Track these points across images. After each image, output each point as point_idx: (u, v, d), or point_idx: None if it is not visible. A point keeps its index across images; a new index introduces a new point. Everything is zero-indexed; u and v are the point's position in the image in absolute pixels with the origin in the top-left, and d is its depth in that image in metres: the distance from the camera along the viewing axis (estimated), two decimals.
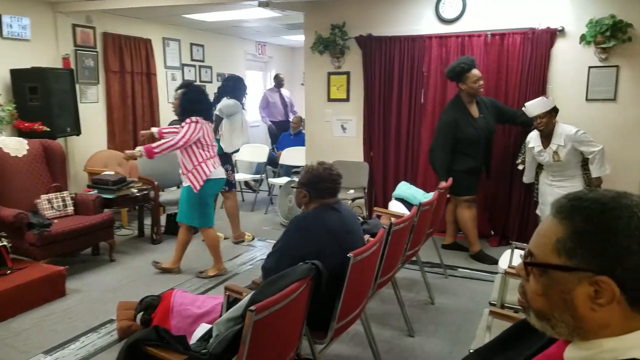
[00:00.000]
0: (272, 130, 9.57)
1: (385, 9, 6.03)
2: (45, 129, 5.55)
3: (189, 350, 2.27)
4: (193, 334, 2.68)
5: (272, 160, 8.05)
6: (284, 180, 7.12)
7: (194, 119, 4.53)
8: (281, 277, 2.26)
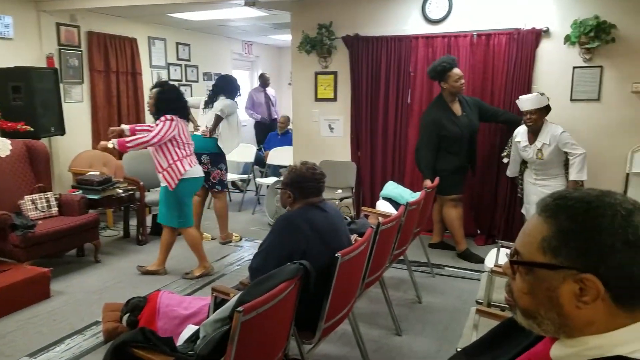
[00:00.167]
0: (258, 128, 9.60)
1: (372, 9, 6.04)
2: (29, 129, 5.49)
3: (176, 351, 2.26)
4: (180, 336, 2.68)
5: (259, 160, 8.04)
6: (271, 180, 7.11)
7: (168, 116, 4.51)
8: (269, 278, 2.25)
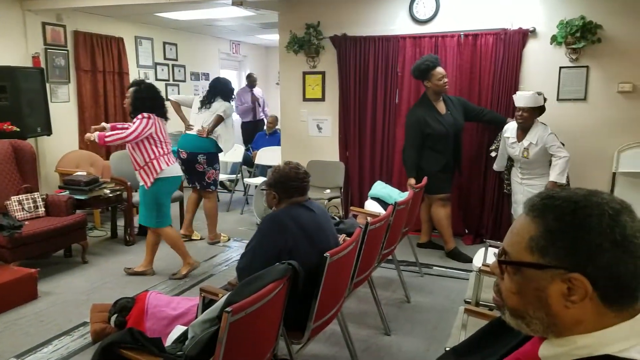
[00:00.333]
0: (244, 129, 9.62)
1: (359, 9, 6.06)
2: (15, 129, 5.47)
3: (164, 352, 2.25)
4: (168, 336, 2.66)
5: (247, 160, 8.04)
6: (259, 180, 7.11)
7: (145, 114, 4.50)
8: (257, 278, 2.26)
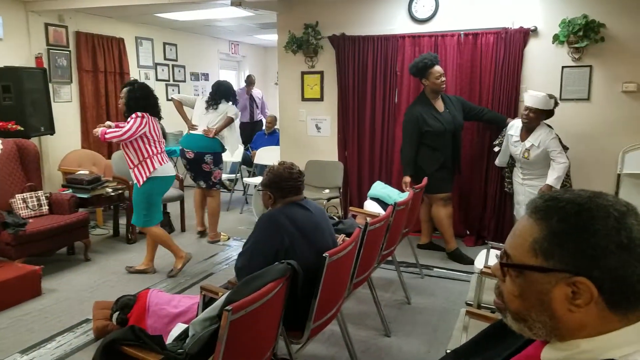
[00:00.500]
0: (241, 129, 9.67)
1: (358, 9, 6.05)
2: (19, 128, 5.53)
3: (166, 350, 2.27)
4: (169, 334, 2.69)
5: (246, 160, 8.09)
6: (258, 179, 7.15)
7: (139, 114, 4.55)
8: (257, 277, 2.28)
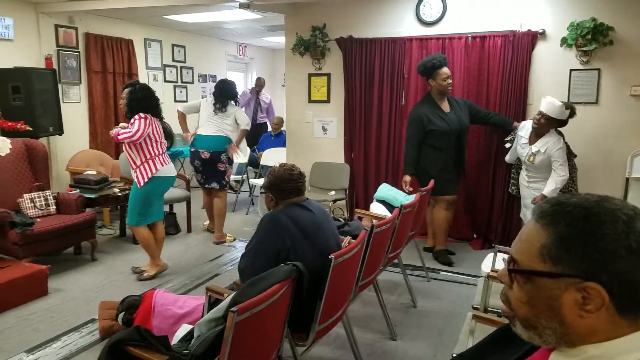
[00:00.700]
0: None
1: (365, 11, 6.06)
2: (28, 128, 5.56)
3: (171, 350, 2.28)
4: (174, 335, 2.70)
5: (253, 161, 8.12)
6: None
7: (142, 115, 4.57)
8: (262, 279, 2.28)
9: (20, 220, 4.63)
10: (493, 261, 3.51)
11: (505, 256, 3.44)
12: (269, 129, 9.03)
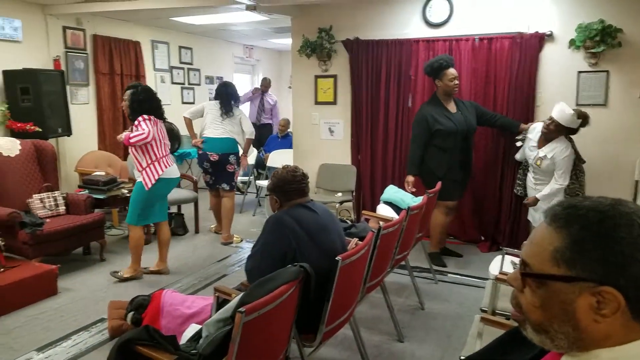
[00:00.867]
0: None
1: (372, 13, 6.06)
2: (37, 129, 5.62)
3: (179, 350, 2.30)
4: (183, 334, 2.73)
5: (259, 163, 8.15)
6: None
7: (145, 116, 4.59)
8: (270, 279, 2.29)
9: (30, 220, 4.69)
10: (501, 263, 3.49)
11: (513, 259, 3.49)
12: (274, 130, 9.03)
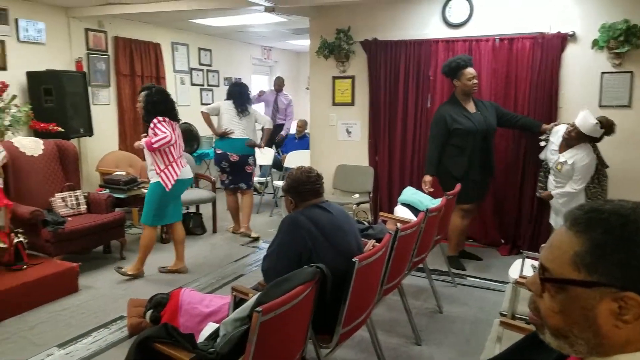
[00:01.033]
0: None
1: (390, 14, 6.04)
2: (60, 129, 5.69)
3: (197, 348, 2.32)
4: (200, 333, 2.75)
5: (277, 163, 8.19)
6: None
7: (160, 118, 4.60)
8: (287, 280, 2.30)
9: (52, 219, 4.77)
10: (521, 267, 3.45)
11: (534, 262, 3.44)
12: (292, 130, 9.04)
